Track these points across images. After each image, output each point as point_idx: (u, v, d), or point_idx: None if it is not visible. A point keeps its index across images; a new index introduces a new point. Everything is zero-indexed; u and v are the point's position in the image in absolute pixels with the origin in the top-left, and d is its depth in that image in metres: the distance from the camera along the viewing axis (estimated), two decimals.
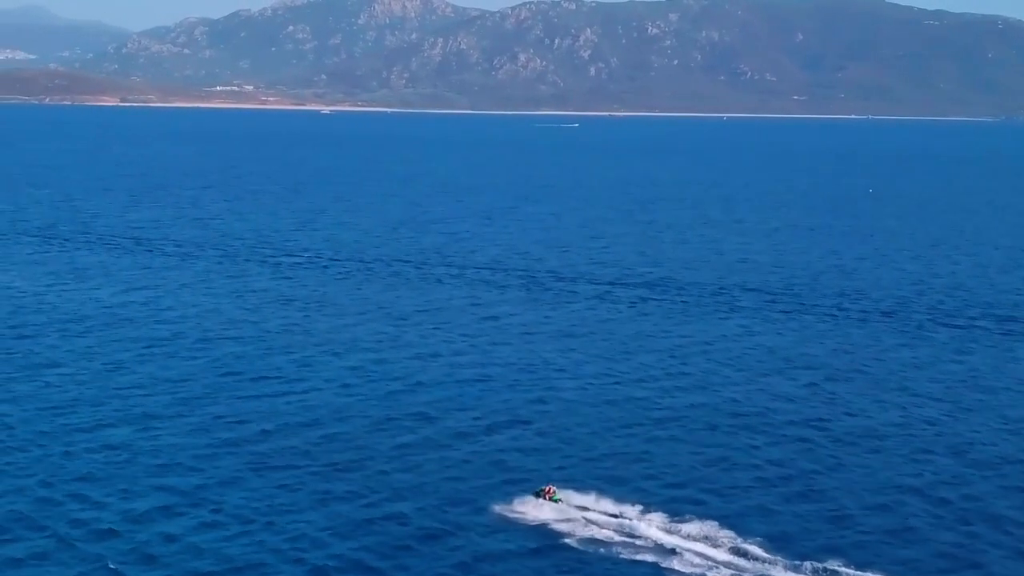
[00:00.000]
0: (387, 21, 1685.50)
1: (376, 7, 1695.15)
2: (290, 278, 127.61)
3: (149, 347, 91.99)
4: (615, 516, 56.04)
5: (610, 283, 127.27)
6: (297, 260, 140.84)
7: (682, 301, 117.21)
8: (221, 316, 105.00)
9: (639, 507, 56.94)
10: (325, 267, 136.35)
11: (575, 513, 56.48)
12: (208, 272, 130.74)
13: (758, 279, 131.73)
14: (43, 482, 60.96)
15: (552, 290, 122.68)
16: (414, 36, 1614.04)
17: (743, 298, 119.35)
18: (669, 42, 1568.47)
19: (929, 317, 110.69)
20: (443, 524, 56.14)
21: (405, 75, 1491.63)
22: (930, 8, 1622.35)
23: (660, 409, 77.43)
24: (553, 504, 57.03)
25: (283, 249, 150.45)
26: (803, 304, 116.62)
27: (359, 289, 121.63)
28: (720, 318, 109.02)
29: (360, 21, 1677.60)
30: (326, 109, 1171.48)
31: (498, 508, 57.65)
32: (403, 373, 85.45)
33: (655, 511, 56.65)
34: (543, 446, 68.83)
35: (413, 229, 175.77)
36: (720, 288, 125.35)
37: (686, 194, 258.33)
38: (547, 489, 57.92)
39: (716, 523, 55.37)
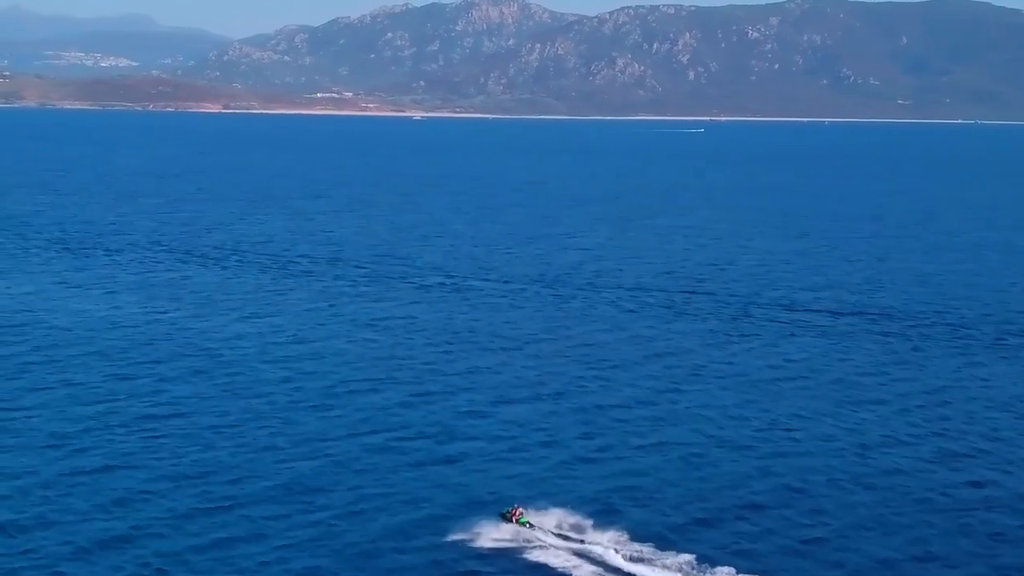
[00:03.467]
0: (484, 27, 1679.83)
1: (474, 13, 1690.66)
2: (426, 302, 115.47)
3: (276, 392, 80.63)
4: (583, 542, 53.38)
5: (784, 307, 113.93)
6: (429, 279, 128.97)
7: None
8: (358, 350, 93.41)
9: (612, 534, 53.90)
10: (457, 287, 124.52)
11: (542, 536, 54.11)
12: (334, 294, 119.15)
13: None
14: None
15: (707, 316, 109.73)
16: (511, 42, 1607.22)
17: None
18: (770, 46, 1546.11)
19: None
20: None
21: (503, 81, 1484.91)
22: None
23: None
24: (520, 526, 54.64)
25: (411, 265, 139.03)
26: None
27: (503, 316, 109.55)
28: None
29: (458, 27, 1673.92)
30: (417, 115, 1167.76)
31: (463, 529, 54.79)
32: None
33: (627, 538, 53.50)
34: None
35: (545, 244, 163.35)
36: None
37: (826, 202, 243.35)
38: (514, 510, 55.32)
39: (692, 556, 51.63)
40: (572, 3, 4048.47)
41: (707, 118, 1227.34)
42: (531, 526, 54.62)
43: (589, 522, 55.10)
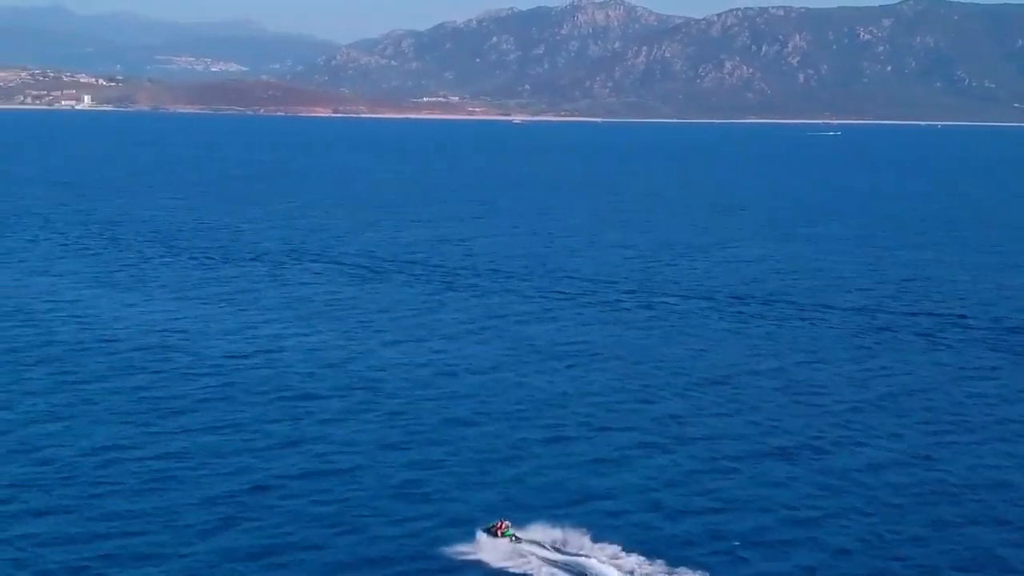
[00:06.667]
0: (590, 31, 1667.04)
1: (579, 17, 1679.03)
2: (600, 322, 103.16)
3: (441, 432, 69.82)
4: (574, 555, 50.46)
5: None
6: (600, 295, 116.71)
7: None
8: (536, 382, 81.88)
9: (604, 547, 50.90)
10: (642, 304, 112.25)
11: (530, 550, 51.18)
12: (496, 311, 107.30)
13: None
14: None
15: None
16: (617, 45, 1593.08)
17: None
18: (882, 48, 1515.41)
19: None
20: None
21: (608, 84, 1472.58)
22: None
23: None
24: (506, 541, 51.57)
25: (574, 277, 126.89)
26: None
27: (695, 342, 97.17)
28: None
29: (563, 31, 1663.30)
30: (518, 119, 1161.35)
31: (445, 545, 51.75)
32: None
33: (623, 552, 50.29)
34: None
35: (707, 255, 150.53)
36: None
37: (992, 209, 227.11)
38: (499, 524, 52.25)
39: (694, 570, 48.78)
40: (679, 5, 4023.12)
41: (820, 121, 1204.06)
42: (517, 539, 51.79)
43: (584, 537, 51.66)
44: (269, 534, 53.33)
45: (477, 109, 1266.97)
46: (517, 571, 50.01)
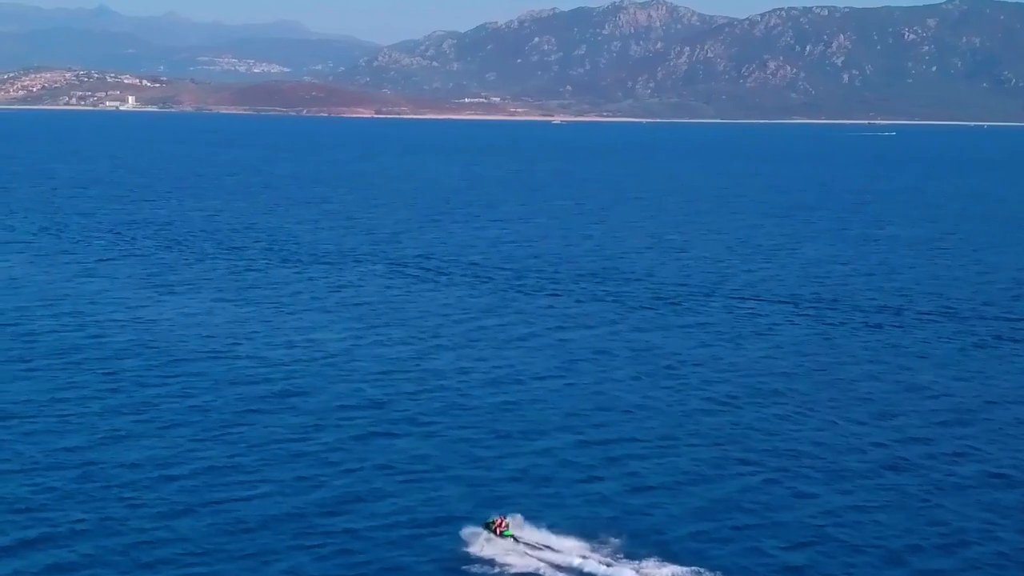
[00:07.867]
0: (632, 31, 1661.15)
1: (621, 17, 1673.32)
2: (671, 328, 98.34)
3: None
4: (574, 556, 48.89)
5: None
6: (666, 298, 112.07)
7: None
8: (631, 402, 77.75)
9: (606, 549, 49.39)
10: (697, 304, 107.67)
11: (529, 551, 49.55)
12: (557, 315, 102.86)
13: None
14: None
15: None
16: (659, 45, 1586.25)
17: None
18: (927, 48, 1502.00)
19: None
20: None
21: (650, 85, 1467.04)
22: None
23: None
24: (504, 539, 50.06)
25: (649, 282, 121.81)
26: None
27: (784, 347, 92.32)
28: None
29: (605, 31, 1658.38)
30: (556, 119, 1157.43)
31: (442, 542, 50.43)
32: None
33: (624, 554, 48.63)
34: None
35: (770, 255, 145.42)
36: None
37: None
38: (498, 521, 50.80)
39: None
40: (721, 5, 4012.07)
41: (865, 121, 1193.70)
42: (516, 540, 50.24)
43: (584, 538, 50.19)
44: (330, 560, 49.49)
45: (519, 110, 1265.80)
46: (516, 571, 48.44)
